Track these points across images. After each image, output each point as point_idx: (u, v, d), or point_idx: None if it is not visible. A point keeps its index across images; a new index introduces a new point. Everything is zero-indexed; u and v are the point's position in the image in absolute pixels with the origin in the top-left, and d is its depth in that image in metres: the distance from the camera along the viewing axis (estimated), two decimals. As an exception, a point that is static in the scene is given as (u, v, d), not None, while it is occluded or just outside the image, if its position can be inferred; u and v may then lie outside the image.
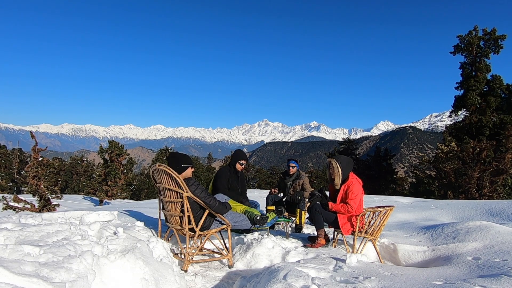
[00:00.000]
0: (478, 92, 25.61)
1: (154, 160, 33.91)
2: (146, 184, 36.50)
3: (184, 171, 3.49)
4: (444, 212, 6.88)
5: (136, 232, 3.43)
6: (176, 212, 3.42)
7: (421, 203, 8.94)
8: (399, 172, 33.01)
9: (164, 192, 3.50)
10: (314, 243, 4.19)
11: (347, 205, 3.98)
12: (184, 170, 3.49)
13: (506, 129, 22.08)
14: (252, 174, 39.72)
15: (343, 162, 4.15)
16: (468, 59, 26.42)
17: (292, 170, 5.70)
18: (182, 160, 3.52)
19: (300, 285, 2.34)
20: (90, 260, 2.24)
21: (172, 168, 3.37)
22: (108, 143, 28.05)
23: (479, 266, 3.07)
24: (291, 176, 5.72)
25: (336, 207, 4.06)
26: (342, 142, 33.65)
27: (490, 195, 18.72)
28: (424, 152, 34.78)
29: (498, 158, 19.19)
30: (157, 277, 2.60)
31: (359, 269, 2.98)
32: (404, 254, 4.07)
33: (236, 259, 3.63)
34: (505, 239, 3.65)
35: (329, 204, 4.11)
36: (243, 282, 2.86)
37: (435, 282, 2.55)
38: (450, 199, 18.02)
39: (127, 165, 28.53)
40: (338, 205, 4.06)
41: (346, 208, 3.98)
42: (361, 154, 41.59)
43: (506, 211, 5.97)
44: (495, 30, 25.61)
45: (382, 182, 28.09)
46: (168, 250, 3.40)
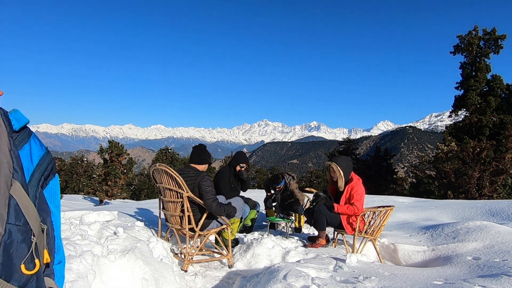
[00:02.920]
0: (478, 92, 25.60)
1: (154, 160, 33.92)
2: (146, 184, 36.50)
3: (203, 164, 3.66)
4: (444, 212, 6.87)
5: (136, 232, 3.43)
6: (176, 212, 3.43)
7: (421, 203, 8.94)
8: (399, 172, 33.01)
9: (164, 192, 3.51)
10: (315, 243, 4.19)
11: (353, 206, 3.97)
12: (203, 163, 3.66)
13: (506, 129, 22.08)
14: (252, 174, 39.73)
15: (342, 163, 4.14)
16: (468, 59, 26.40)
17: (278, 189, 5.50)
18: (205, 154, 3.71)
19: (300, 285, 2.34)
20: (90, 260, 2.24)
21: (194, 157, 3.63)
22: (108, 143, 28.06)
23: (479, 266, 3.07)
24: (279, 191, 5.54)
25: (342, 208, 4.04)
26: (342, 142, 33.62)
27: (490, 195, 18.72)
28: (424, 152, 34.78)
29: (498, 158, 19.19)
30: (157, 277, 2.60)
31: (359, 269, 2.98)
32: (404, 254, 4.07)
33: (236, 259, 3.63)
34: (505, 239, 3.65)
35: (335, 206, 4.07)
36: (243, 282, 2.86)
37: (435, 282, 2.55)
38: (450, 199, 18.02)
39: (127, 165, 28.54)
40: (344, 206, 4.03)
41: (353, 210, 3.96)
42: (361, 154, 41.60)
43: (506, 211, 5.97)
44: (495, 30, 25.60)
45: (382, 182, 28.08)
46: (168, 250, 3.41)
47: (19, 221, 0.60)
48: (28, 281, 0.61)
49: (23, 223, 0.61)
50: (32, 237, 0.62)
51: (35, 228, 0.63)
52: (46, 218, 0.70)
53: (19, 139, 0.70)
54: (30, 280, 0.61)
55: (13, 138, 0.68)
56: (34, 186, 0.69)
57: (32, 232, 0.62)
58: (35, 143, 0.73)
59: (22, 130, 0.72)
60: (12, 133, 0.68)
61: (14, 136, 0.69)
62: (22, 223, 0.61)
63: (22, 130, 0.72)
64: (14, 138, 0.68)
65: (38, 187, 0.70)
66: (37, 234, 0.63)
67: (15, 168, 0.63)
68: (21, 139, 0.70)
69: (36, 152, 0.73)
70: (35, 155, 0.72)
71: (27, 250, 0.61)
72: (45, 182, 0.73)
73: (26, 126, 0.73)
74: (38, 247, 0.63)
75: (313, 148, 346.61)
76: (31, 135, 0.73)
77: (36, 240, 0.63)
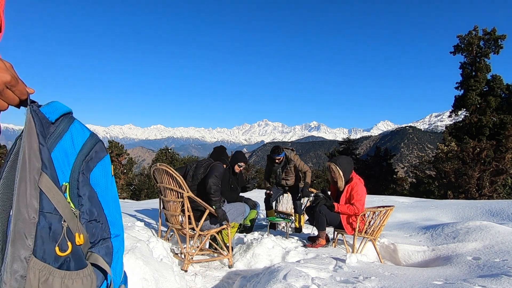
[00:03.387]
0: (478, 92, 25.61)
1: (154, 160, 33.92)
2: (146, 184, 36.48)
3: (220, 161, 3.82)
4: (444, 212, 6.88)
5: (136, 232, 3.44)
6: (176, 212, 3.43)
7: (421, 203, 8.94)
8: (399, 172, 32.99)
9: (165, 192, 3.51)
10: (315, 243, 4.19)
11: (353, 206, 3.97)
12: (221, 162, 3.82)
13: (506, 129, 22.08)
14: (252, 174, 39.72)
15: (342, 164, 4.14)
16: (468, 59, 26.41)
17: (278, 161, 5.38)
18: (225, 155, 3.98)
19: (300, 285, 2.34)
20: (90, 260, 2.24)
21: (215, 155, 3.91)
22: (108, 143, 28.08)
23: (479, 266, 3.07)
24: (280, 164, 5.43)
25: (342, 208, 4.03)
26: (342, 142, 33.61)
27: (490, 195, 18.72)
28: (424, 152, 34.76)
29: (498, 158, 19.19)
30: (157, 277, 2.60)
31: (359, 269, 2.98)
32: (404, 254, 4.07)
33: (236, 259, 3.63)
34: (505, 239, 3.65)
35: (335, 205, 4.06)
36: (243, 282, 2.86)
37: (435, 282, 2.55)
38: (450, 199, 18.01)
39: (127, 165, 28.56)
40: (344, 206, 4.03)
41: (353, 209, 3.96)
42: (361, 154, 41.58)
43: (506, 211, 5.97)
44: (495, 30, 25.60)
45: (382, 182, 28.07)
46: (168, 250, 3.41)
47: (50, 208, 0.68)
48: (65, 261, 0.69)
49: (54, 210, 0.68)
50: (63, 222, 0.69)
51: (65, 214, 0.70)
52: (90, 200, 0.77)
53: (59, 129, 0.75)
54: (66, 259, 0.69)
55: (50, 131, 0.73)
56: (76, 171, 0.76)
57: (63, 218, 0.69)
58: (76, 129, 0.78)
59: (61, 120, 0.76)
60: (49, 125, 0.73)
61: (52, 128, 0.74)
62: (53, 210, 0.68)
63: (60, 119, 0.76)
64: (52, 130, 0.74)
65: (79, 172, 0.76)
66: (68, 219, 0.70)
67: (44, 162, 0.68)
68: (61, 129, 0.75)
69: (79, 137, 0.78)
70: (78, 140, 0.78)
71: (59, 234, 0.68)
72: (90, 165, 0.79)
73: (67, 114, 0.77)
74: (71, 231, 0.71)
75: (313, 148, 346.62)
76: (71, 123, 0.78)
77: (67, 225, 0.70)
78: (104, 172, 0.82)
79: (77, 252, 0.71)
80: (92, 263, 0.75)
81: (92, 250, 0.77)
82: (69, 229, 0.70)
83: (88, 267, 0.73)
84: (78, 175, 0.76)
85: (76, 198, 0.75)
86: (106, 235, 0.80)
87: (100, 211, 0.79)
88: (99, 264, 0.76)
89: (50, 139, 0.73)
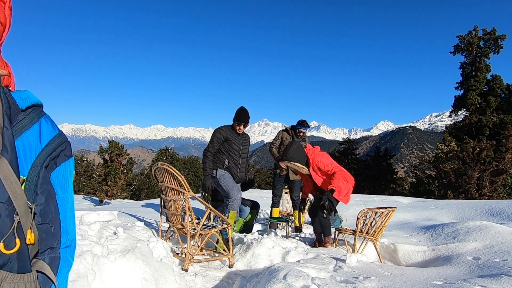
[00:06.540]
0: (478, 92, 25.61)
1: (154, 160, 33.92)
2: (146, 184, 36.50)
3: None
4: (444, 212, 6.87)
5: (136, 232, 3.43)
6: (177, 211, 3.43)
7: (421, 203, 8.94)
8: (399, 172, 33.01)
9: (165, 191, 3.51)
10: (322, 242, 4.16)
11: (339, 176, 3.82)
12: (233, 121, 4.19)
13: (506, 129, 22.08)
14: (252, 174, 39.72)
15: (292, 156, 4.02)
16: (468, 59, 26.41)
17: (301, 135, 5.31)
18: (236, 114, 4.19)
19: (300, 285, 2.34)
20: (90, 260, 2.24)
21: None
22: (108, 143, 28.07)
23: (479, 266, 3.07)
24: (300, 138, 5.35)
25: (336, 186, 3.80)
26: (342, 142, 33.62)
27: (490, 195, 18.72)
28: (424, 152, 34.78)
29: (498, 158, 19.20)
30: (157, 277, 2.60)
31: (359, 269, 2.98)
32: (404, 254, 4.07)
33: (236, 259, 3.63)
34: (505, 239, 3.65)
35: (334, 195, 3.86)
36: (243, 282, 2.86)
37: (435, 282, 2.55)
38: (450, 199, 18.02)
39: (127, 165, 28.55)
40: (334, 184, 3.83)
41: (342, 177, 3.81)
42: (361, 154, 41.60)
43: (506, 211, 5.97)
44: (495, 30, 25.60)
45: (382, 182, 28.08)
46: (168, 250, 3.41)
47: (3, 198, 0.59)
48: (7, 261, 0.59)
49: (7, 200, 0.60)
50: (15, 216, 0.60)
51: (19, 207, 0.61)
52: (48, 200, 0.69)
53: (28, 119, 0.70)
54: (9, 259, 0.59)
55: (18, 118, 0.68)
56: (38, 166, 0.69)
57: (16, 211, 0.61)
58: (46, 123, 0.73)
59: (32, 110, 0.71)
60: (18, 112, 0.68)
61: (20, 116, 0.69)
62: (5, 200, 0.59)
63: (31, 109, 0.71)
64: (20, 118, 0.68)
65: (42, 167, 0.69)
66: (22, 213, 0.61)
67: (5, 145, 0.62)
68: (30, 119, 0.70)
69: (47, 132, 0.72)
70: (45, 135, 0.72)
71: (8, 228, 0.59)
72: (53, 163, 0.72)
73: (37, 106, 0.73)
74: (21, 227, 0.61)
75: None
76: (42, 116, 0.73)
77: (19, 219, 0.61)
78: (66, 174, 0.75)
79: (23, 253, 0.62)
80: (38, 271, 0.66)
81: (38, 257, 0.68)
82: (20, 224, 0.61)
83: (34, 273, 0.64)
84: (39, 170, 0.69)
85: (32, 195, 0.67)
86: (56, 243, 0.70)
87: (55, 214, 0.71)
88: (45, 273, 0.66)
89: (17, 126, 0.67)
